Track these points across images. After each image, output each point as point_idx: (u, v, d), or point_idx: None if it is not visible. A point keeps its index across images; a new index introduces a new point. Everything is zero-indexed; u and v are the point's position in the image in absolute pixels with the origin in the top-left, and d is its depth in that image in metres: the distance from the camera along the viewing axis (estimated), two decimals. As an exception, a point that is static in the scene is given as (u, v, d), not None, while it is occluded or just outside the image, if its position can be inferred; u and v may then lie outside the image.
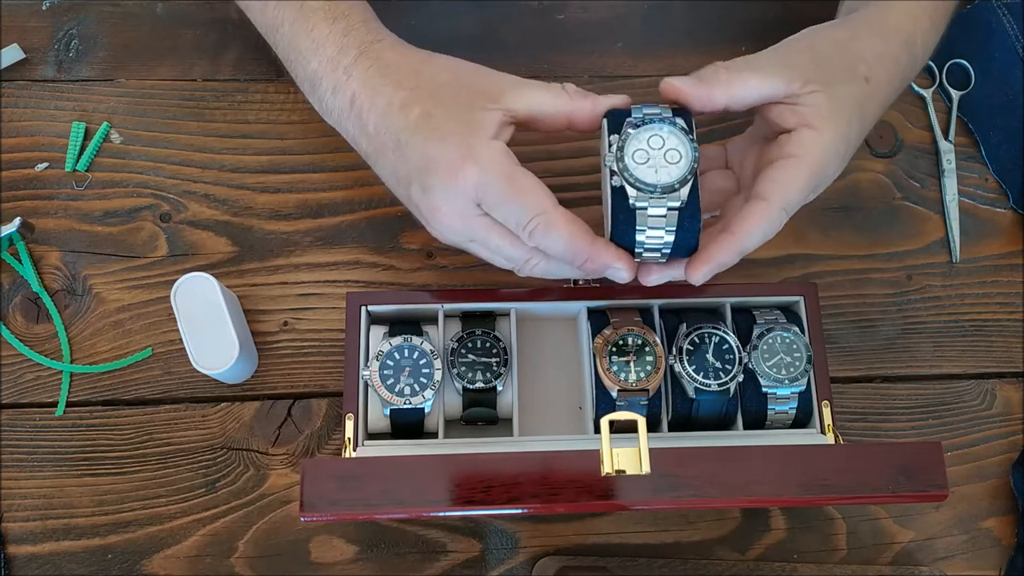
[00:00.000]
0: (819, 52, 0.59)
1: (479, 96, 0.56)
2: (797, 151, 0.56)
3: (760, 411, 0.63)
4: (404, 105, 0.56)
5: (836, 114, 0.56)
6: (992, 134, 0.74)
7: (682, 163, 0.54)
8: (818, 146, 0.56)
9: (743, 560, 0.65)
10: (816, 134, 0.56)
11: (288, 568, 0.63)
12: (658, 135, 0.55)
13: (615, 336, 0.62)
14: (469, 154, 0.54)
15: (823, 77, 0.57)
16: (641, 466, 0.51)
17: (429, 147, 0.55)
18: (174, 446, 0.65)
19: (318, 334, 0.68)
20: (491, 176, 0.54)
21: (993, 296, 0.71)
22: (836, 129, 0.56)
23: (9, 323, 0.67)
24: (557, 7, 0.76)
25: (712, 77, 0.56)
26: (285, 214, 0.70)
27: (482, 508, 0.53)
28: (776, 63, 0.57)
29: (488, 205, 0.55)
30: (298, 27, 0.61)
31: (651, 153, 0.54)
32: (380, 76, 0.58)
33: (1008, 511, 0.67)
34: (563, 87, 0.57)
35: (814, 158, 0.56)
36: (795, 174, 0.56)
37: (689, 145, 0.54)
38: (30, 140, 0.71)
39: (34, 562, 0.63)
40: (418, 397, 0.61)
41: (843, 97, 0.57)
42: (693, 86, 0.55)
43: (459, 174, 0.54)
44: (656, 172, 0.54)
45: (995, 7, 0.76)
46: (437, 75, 0.57)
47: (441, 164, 0.54)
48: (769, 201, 0.55)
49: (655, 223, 0.54)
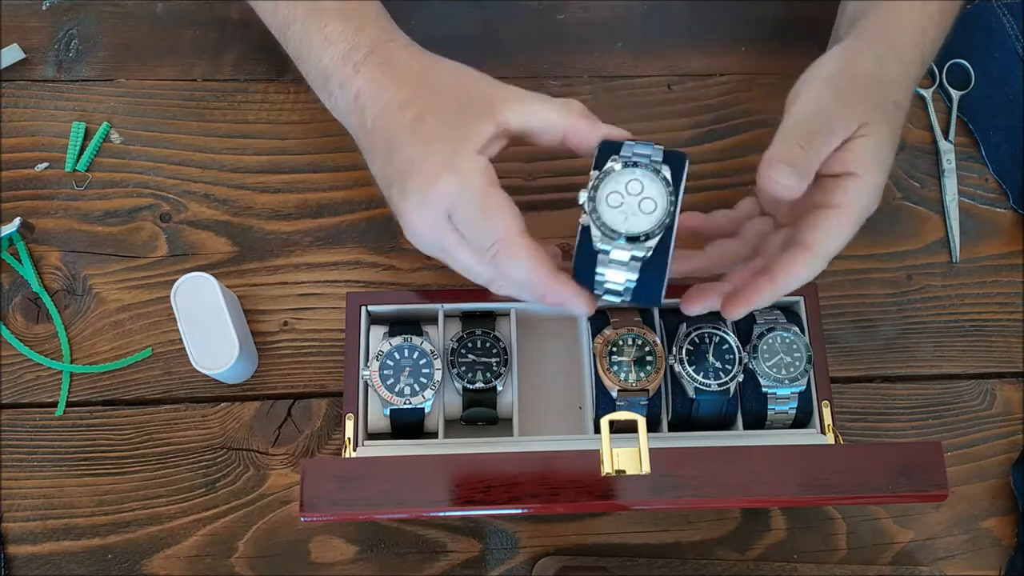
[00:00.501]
0: (861, 90, 0.58)
1: (477, 106, 0.55)
2: (843, 201, 0.56)
3: (760, 411, 0.63)
4: (402, 106, 0.56)
5: (879, 157, 0.57)
6: (992, 134, 0.74)
7: (655, 214, 0.52)
8: (864, 195, 0.56)
9: (743, 560, 0.65)
10: (862, 183, 0.56)
11: (288, 568, 0.63)
12: (638, 180, 0.53)
13: (615, 336, 0.62)
14: (450, 164, 0.53)
15: (871, 118, 0.56)
16: (641, 466, 0.52)
17: (415, 151, 0.54)
18: (174, 446, 0.65)
19: (318, 334, 0.68)
20: (465, 190, 0.53)
21: (993, 296, 0.71)
22: (880, 173, 0.57)
23: (9, 323, 0.67)
24: (557, 7, 0.76)
25: (806, 170, 0.55)
26: (285, 214, 0.70)
27: (482, 508, 0.53)
28: (834, 112, 0.56)
29: (457, 220, 0.54)
30: (310, 24, 0.61)
31: (625, 199, 0.53)
32: (386, 75, 0.58)
33: (1008, 511, 0.67)
34: (568, 103, 0.56)
35: (860, 207, 0.56)
36: (842, 224, 0.56)
37: (667, 198, 0.52)
38: (30, 140, 0.71)
39: (34, 562, 0.63)
40: (418, 397, 0.61)
41: (885, 136, 0.57)
42: (797, 183, 0.54)
43: (436, 183, 0.53)
44: (626, 219, 0.52)
45: (995, 7, 0.76)
46: (441, 80, 0.57)
47: (422, 170, 0.54)
48: (814, 252, 0.55)
49: (616, 267, 0.53)
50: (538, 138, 0.56)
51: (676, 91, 0.74)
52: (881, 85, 0.58)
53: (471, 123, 0.54)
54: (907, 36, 0.61)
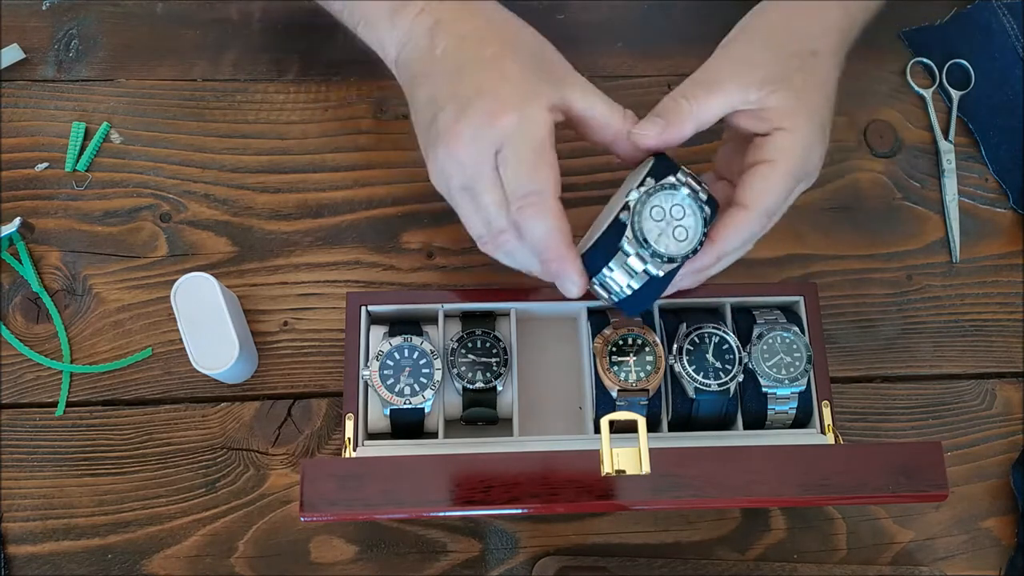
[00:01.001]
0: (764, 45, 0.58)
1: (552, 73, 0.56)
2: (774, 155, 0.56)
3: (760, 411, 0.63)
4: (483, 40, 0.56)
5: (802, 106, 0.56)
6: (992, 134, 0.74)
7: (684, 244, 0.55)
8: (794, 146, 0.56)
9: (743, 560, 0.65)
10: (789, 134, 0.56)
11: (288, 568, 0.63)
12: (682, 207, 0.55)
13: (615, 336, 0.62)
14: (521, 106, 0.54)
15: (777, 73, 0.56)
16: (641, 466, 0.52)
17: (489, 81, 0.54)
18: (174, 446, 0.65)
19: (318, 334, 0.68)
20: (527, 134, 0.53)
21: (993, 296, 0.71)
22: (808, 121, 0.56)
23: (9, 323, 0.67)
24: (557, 7, 0.76)
25: (676, 113, 0.56)
26: (285, 214, 0.70)
27: (482, 508, 0.53)
28: (730, 72, 0.57)
29: (504, 159, 0.54)
30: None
31: (667, 219, 0.55)
32: (474, 15, 0.58)
33: (1008, 511, 0.67)
34: (628, 113, 0.57)
35: (792, 159, 0.56)
36: (774, 179, 0.56)
37: (699, 234, 0.55)
38: (30, 140, 0.71)
39: (34, 562, 0.63)
40: (418, 397, 0.61)
41: (803, 86, 0.57)
42: (662, 132, 0.56)
43: (502, 114, 0.53)
44: (659, 236, 0.55)
45: (995, 7, 0.76)
46: (524, 36, 0.58)
47: (492, 99, 0.54)
48: (748, 208, 0.56)
49: (626, 271, 0.55)
50: (589, 131, 0.57)
51: (676, 91, 0.74)
52: (790, 36, 0.58)
53: (546, 82, 0.55)
54: None
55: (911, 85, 0.75)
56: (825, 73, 0.59)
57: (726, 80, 0.57)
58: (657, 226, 0.55)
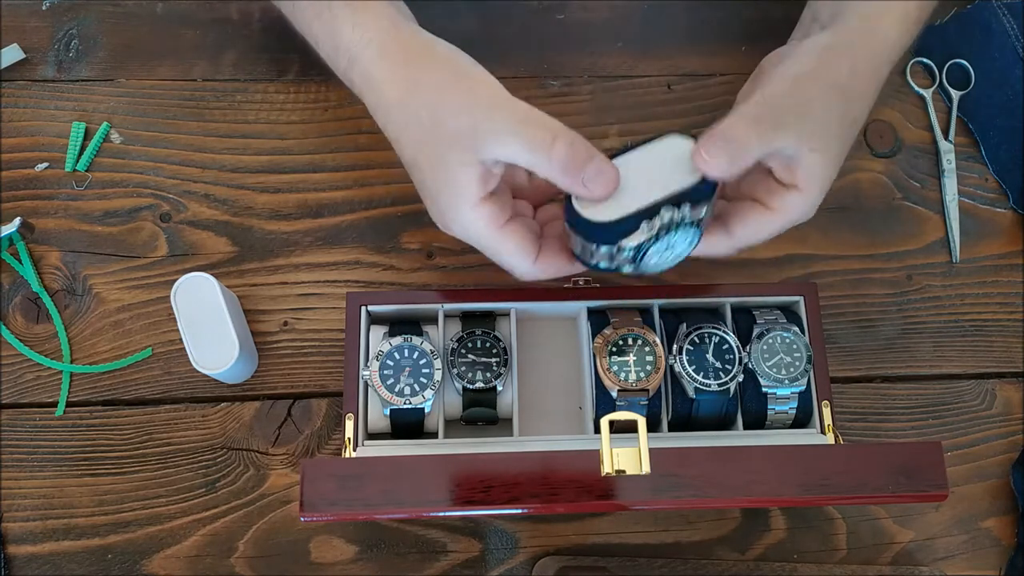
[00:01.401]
0: (827, 101, 0.56)
1: (458, 147, 0.54)
2: (779, 208, 0.57)
3: (760, 411, 0.63)
4: (396, 141, 0.58)
5: (826, 175, 0.57)
6: (992, 134, 0.74)
7: (661, 264, 0.57)
8: (800, 208, 0.57)
9: (743, 560, 0.65)
10: (801, 198, 0.57)
11: (288, 568, 0.63)
12: (685, 239, 0.56)
13: (615, 336, 0.62)
14: (454, 218, 0.56)
15: (826, 136, 0.56)
16: (641, 466, 0.52)
17: (422, 193, 0.58)
18: (174, 446, 0.65)
19: (318, 334, 0.68)
20: (473, 240, 0.57)
21: (993, 296, 0.71)
22: (821, 192, 0.58)
23: (9, 323, 0.67)
24: (557, 7, 0.76)
25: (745, 149, 0.53)
26: (285, 214, 0.70)
27: (482, 508, 0.53)
28: (793, 118, 0.55)
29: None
30: (299, 24, 0.62)
31: (669, 247, 0.56)
32: (373, 99, 0.58)
33: (1008, 511, 0.67)
34: (552, 148, 0.53)
35: (793, 217, 0.58)
36: (770, 227, 0.58)
37: (680, 259, 0.57)
38: (30, 140, 0.71)
39: (34, 562, 0.63)
40: (418, 397, 0.61)
41: (836, 155, 0.58)
42: (730, 167, 0.53)
43: (449, 227, 0.57)
44: (655, 262, 0.56)
45: (995, 7, 0.76)
46: (419, 114, 0.55)
47: (434, 212, 0.58)
48: (731, 238, 0.58)
49: (611, 260, 0.56)
50: (522, 171, 0.58)
51: (676, 91, 0.74)
52: (848, 101, 0.58)
53: (459, 169, 0.54)
54: (887, 45, 0.61)
55: (911, 85, 0.75)
56: (853, 139, 0.60)
57: (790, 126, 0.55)
58: (657, 252, 0.55)
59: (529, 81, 0.74)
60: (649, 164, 0.54)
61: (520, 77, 0.74)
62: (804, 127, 0.55)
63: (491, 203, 0.55)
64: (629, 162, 0.54)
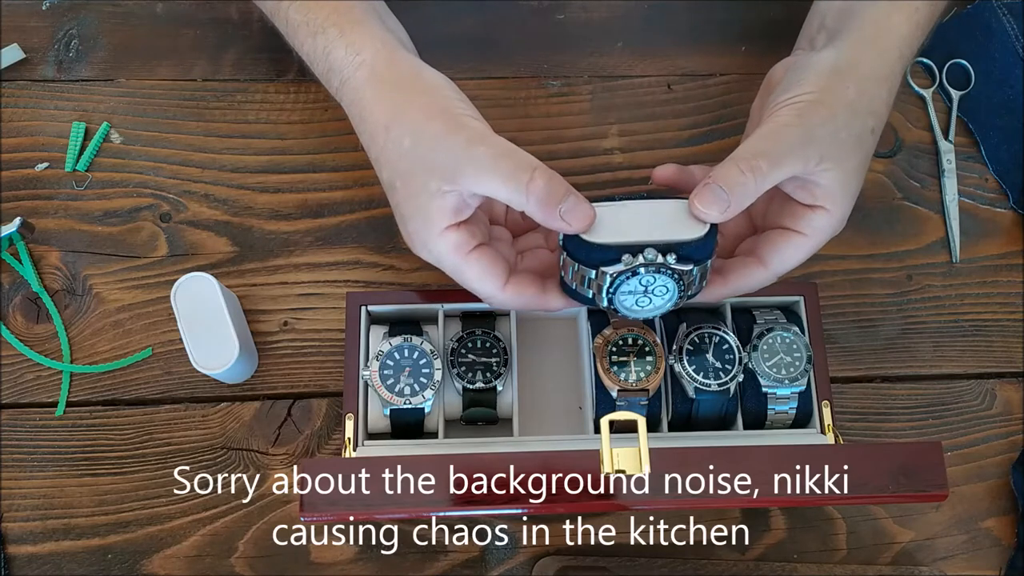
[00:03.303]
0: (835, 122, 0.56)
1: (435, 175, 0.55)
2: (807, 230, 0.57)
3: (760, 411, 0.63)
4: (377, 162, 0.59)
5: (849, 189, 0.57)
6: (992, 134, 0.74)
7: (650, 311, 0.57)
8: (830, 226, 0.58)
9: (743, 560, 0.65)
10: (829, 216, 0.57)
11: (288, 568, 0.63)
12: (665, 287, 0.55)
13: (615, 336, 0.62)
14: (424, 245, 0.57)
15: (836, 154, 0.56)
16: (641, 466, 0.52)
17: (396, 216, 0.59)
18: (174, 446, 0.65)
19: (318, 334, 0.68)
20: (441, 265, 0.57)
21: (993, 296, 0.71)
22: (848, 204, 0.58)
23: (9, 323, 0.67)
24: (557, 7, 0.76)
25: (741, 192, 0.53)
26: (285, 214, 0.70)
27: (482, 508, 0.53)
28: (792, 146, 0.55)
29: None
30: (293, 42, 0.63)
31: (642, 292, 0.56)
32: (360, 119, 0.59)
33: (1008, 511, 0.67)
34: (529, 183, 0.53)
35: (824, 237, 0.58)
36: (801, 251, 0.58)
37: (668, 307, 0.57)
38: (30, 140, 0.71)
39: (34, 562, 0.63)
40: (418, 397, 0.61)
41: (855, 168, 0.58)
42: (725, 211, 0.53)
43: (420, 252, 0.58)
44: (632, 306, 0.56)
45: (995, 7, 0.76)
46: (401, 140, 0.56)
47: (406, 236, 0.59)
48: (767, 268, 0.58)
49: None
50: (500, 206, 0.59)
51: (676, 91, 0.74)
52: (858, 116, 0.58)
53: (435, 197, 0.55)
54: (896, 48, 0.61)
55: (911, 85, 0.75)
56: (873, 146, 0.59)
57: (788, 155, 0.55)
58: (632, 291, 0.55)
59: (529, 81, 0.74)
60: (655, 212, 0.55)
61: (520, 77, 0.74)
62: (810, 151, 0.55)
63: (459, 231, 0.56)
64: (640, 207, 0.55)
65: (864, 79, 0.59)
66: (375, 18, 0.61)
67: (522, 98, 0.74)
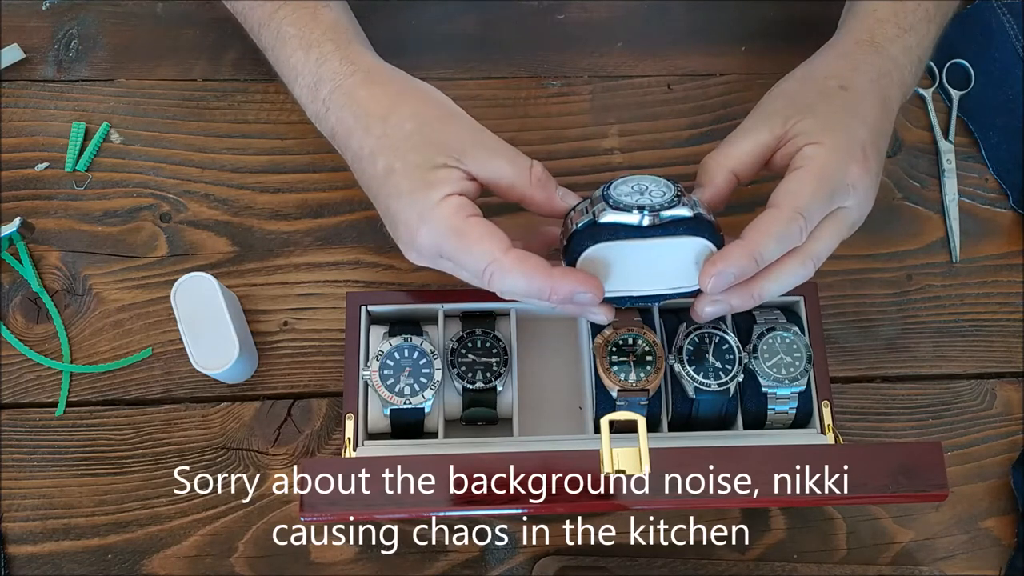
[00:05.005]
0: (787, 91, 0.61)
1: (441, 151, 0.56)
2: (803, 162, 0.57)
3: (760, 411, 0.63)
4: (372, 154, 0.57)
5: (829, 126, 0.57)
6: (992, 134, 0.74)
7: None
8: (824, 155, 0.56)
9: (743, 560, 0.65)
10: (819, 146, 0.57)
11: (288, 568, 0.63)
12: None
13: (615, 336, 0.62)
14: (423, 216, 0.55)
15: (801, 108, 0.58)
16: (641, 466, 0.52)
17: (392, 203, 0.56)
18: (174, 446, 0.65)
19: (318, 334, 0.68)
20: (442, 235, 0.55)
21: (993, 296, 0.71)
22: (835, 137, 0.57)
23: (9, 323, 0.67)
24: (557, 7, 0.76)
25: (706, 172, 0.58)
26: (285, 214, 0.70)
27: (482, 508, 0.53)
28: (756, 119, 0.60)
29: (447, 257, 0.56)
30: (279, 53, 0.62)
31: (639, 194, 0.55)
32: (353, 117, 0.59)
33: (1008, 511, 0.67)
34: (531, 168, 0.56)
35: (821, 165, 0.56)
36: (803, 180, 0.56)
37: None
38: (30, 140, 0.71)
39: (34, 562, 0.63)
40: (418, 397, 0.61)
41: (828, 111, 0.58)
42: (715, 193, 0.58)
43: (417, 235, 0.55)
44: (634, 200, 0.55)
45: (995, 7, 0.76)
46: (403, 124, 0.57)
47: (402, 222, 0.56)
48: (780, 207, 0.55)
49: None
50: (501, 193, 0.58)
51: (676, 91, 0.74)
52: (812, 80, 0.61)
53: (438, 169, 0.55)
54: (856, 32, 0.62)
55: (911, 85, 0.75)
56: (856, 102, 0.59)
57: (750, 127, 0.59)
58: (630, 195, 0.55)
59: (529, 81, 0.74)
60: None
61: (520, 77, 0.74)
62: (770, 117, 0.59)
63: (461, 197, 0.55)
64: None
65: (817, 56, 0.63)
66: (366, 41, 0.63)
67: (522, 98, 0.74)
